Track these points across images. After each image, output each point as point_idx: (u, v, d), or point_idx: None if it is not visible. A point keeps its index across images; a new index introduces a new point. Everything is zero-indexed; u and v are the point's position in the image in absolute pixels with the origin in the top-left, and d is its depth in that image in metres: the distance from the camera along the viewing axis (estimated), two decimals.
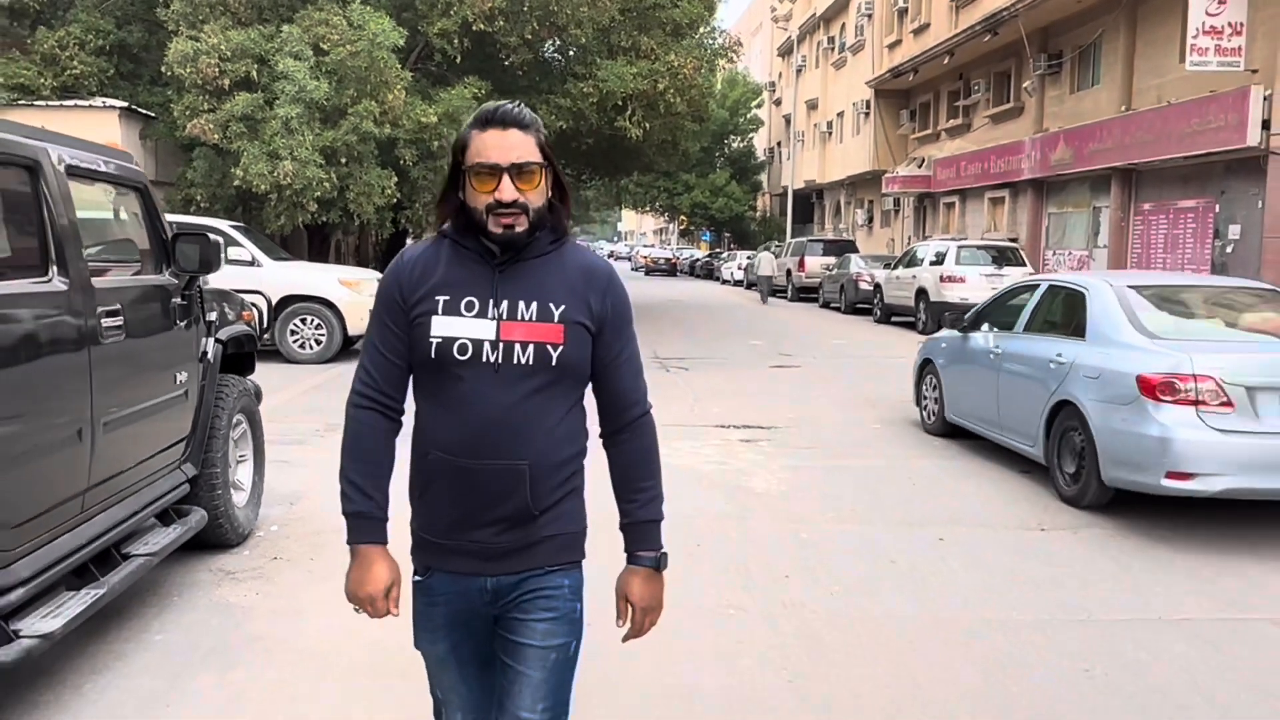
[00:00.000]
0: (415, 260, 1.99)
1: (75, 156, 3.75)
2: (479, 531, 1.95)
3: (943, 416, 8.28)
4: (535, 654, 1.98)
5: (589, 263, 2.02)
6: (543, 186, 1.93)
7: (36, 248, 3.42)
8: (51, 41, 15.18)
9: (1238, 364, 5.63)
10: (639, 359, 2.10)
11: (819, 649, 3.96)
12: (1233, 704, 3.52)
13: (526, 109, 1.96)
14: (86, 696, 3.43)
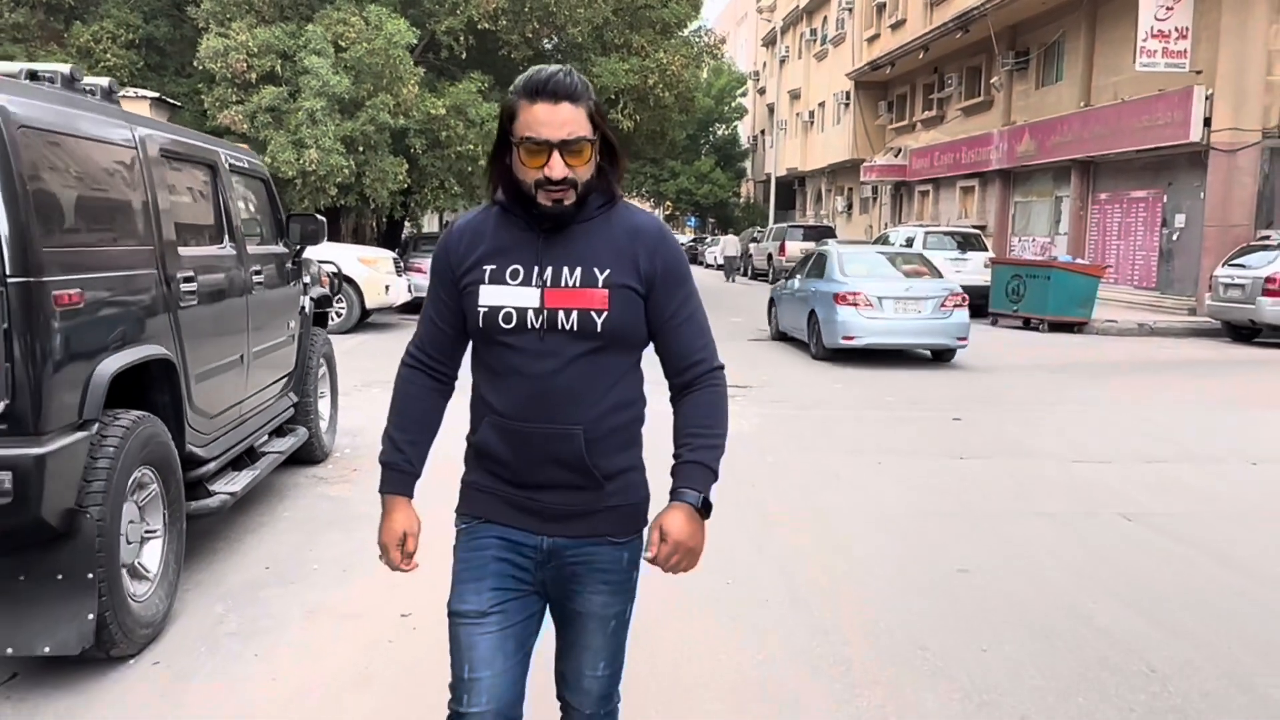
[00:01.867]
0: (464, 229, 1.99)
1: (231, 157, 5.10)
2: (541, 492, 1.95)
3: (778, 329, 14.79)
4: (595, 623, 2.00)
5: (637, 222, 1.97)
6: (592, 160, 1.88)
7: (216, 223, 4.76)
8: (86, 36, 16.35)
9: (875, 287, 12.21)
10: (701, 317, 2.02)
11: (772, 529, 5.36)
12: (1085, 570, 4.93)
13: (578, 76, 1.87)
14: (250, 548, 4.79)
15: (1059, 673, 3.59)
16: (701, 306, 2.02)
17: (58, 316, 3.15)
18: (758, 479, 6.35)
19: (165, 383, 3.94)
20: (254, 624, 3.88)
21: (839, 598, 4.34)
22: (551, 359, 1.88)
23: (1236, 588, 4.57)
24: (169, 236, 4.05)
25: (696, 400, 1.99)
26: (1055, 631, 3.98)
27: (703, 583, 4.43)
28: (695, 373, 1.99)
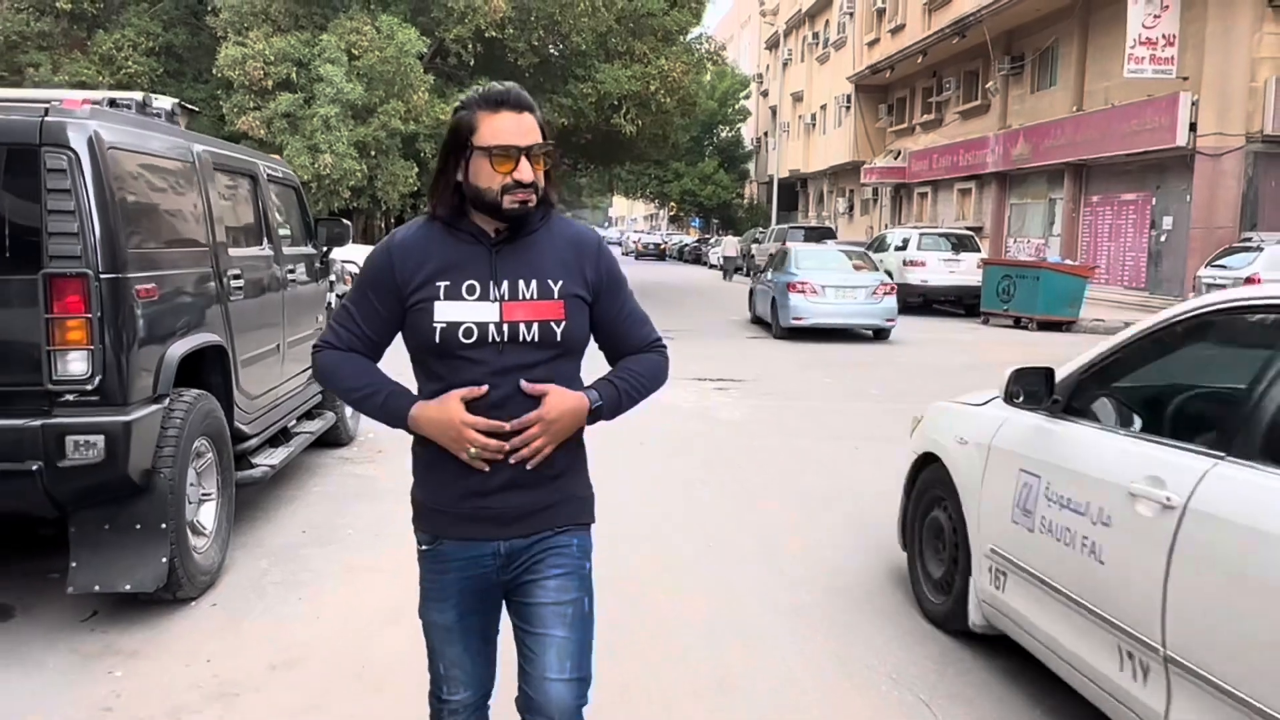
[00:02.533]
0: (408, 243, 2.00)
1: (268, 167, 5.69)
2: (491, 498, 1.99)
3: (754, 314, 17.31)
4: (551, 611, 2.03)
5: (576, 233, 2.08)
6: (545, 168, 1.99)
7: (256, 226, 5.35)
8: (109, 44, 16.98)
9: (821, 277, 14.98)
10: (640, 310, 2.17)
11: (753, 498, 5.94)
12: None
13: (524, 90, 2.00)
14: (286, 517, 5.38)
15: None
16: (635, 300, 2.17)
17: (138, 306, 3.74)
18: (740, 459, 6.93)
19: (218, 366, 4.53)
20: (295, 576, 4.47)
21: (808, 557, 4.92)
22: (512, 370, 1.94)
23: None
24: (220, 238, 4.65)
25: (641, 357, 2.14)
26: None
27: (688, 546, 5.03)
28: (644, 345, 2.15)
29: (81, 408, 3.57)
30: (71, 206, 3.51)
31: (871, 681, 3.57)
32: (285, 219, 5.98)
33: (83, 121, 3.62)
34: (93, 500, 3.71)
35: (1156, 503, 2.64)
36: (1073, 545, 3.01)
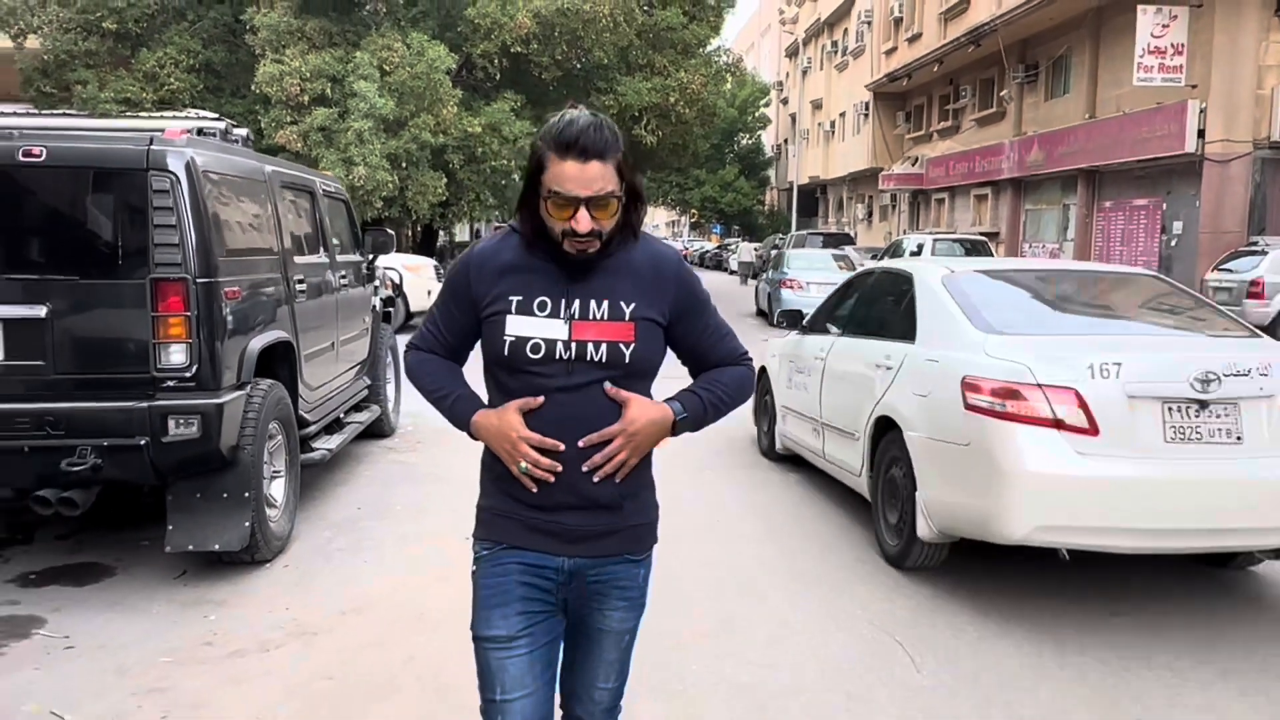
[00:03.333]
0: (488, 254, 2.02)
1: (324, 184, 6.34)
2: (559, 514, 1.97)
3: (759, 307, 19.32)
4: (611, 638, 2.07)
5: (656, 253, 2.04)
6: (618, 211, 1.94)
7: (315, 236, 6.00)
8: (152, 62, 17.77)
9: (807, 275, 17.44)
10: (725, 324, 2.16)
11: (763, 486, 6.51)
12: None
13: (608, 128, 1.90)
14: (343, 495, 6.01)
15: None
16: (718, 312, 2.16)
17: (226, 306, 4.37)
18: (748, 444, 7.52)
19: (286, 360, 5.16)
20: (357, 543, 5.10)
21: (804, 529, 5.49)
22: (579, 389, 1.93)
23: None
24: (288, 246, 5.29)
25: (726, 369, 2.12)
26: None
27: (696, 518, 5.61)
28: (728, 361, 2.14)
29: (181, 392, 4.20)
30: (173, 221, 4.15)
31: (854, 626, 4.14)
32: (337, 229, 6.62)
33: (180, 149, 4.26)
34: (188, 471, 4.34)
35: (820, 359, 6.01)
36: (802, 389, 6.29)
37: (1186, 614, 4.34)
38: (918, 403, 4.66)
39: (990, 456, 4.08)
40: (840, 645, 3.96)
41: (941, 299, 4.94)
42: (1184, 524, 3.99)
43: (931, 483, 4.49)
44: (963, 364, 4.38)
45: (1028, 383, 4.06)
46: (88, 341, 4.20)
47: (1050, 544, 4.08)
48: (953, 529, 4.44)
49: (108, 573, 4.67)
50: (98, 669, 3.65)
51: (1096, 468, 3.95)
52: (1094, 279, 5.72)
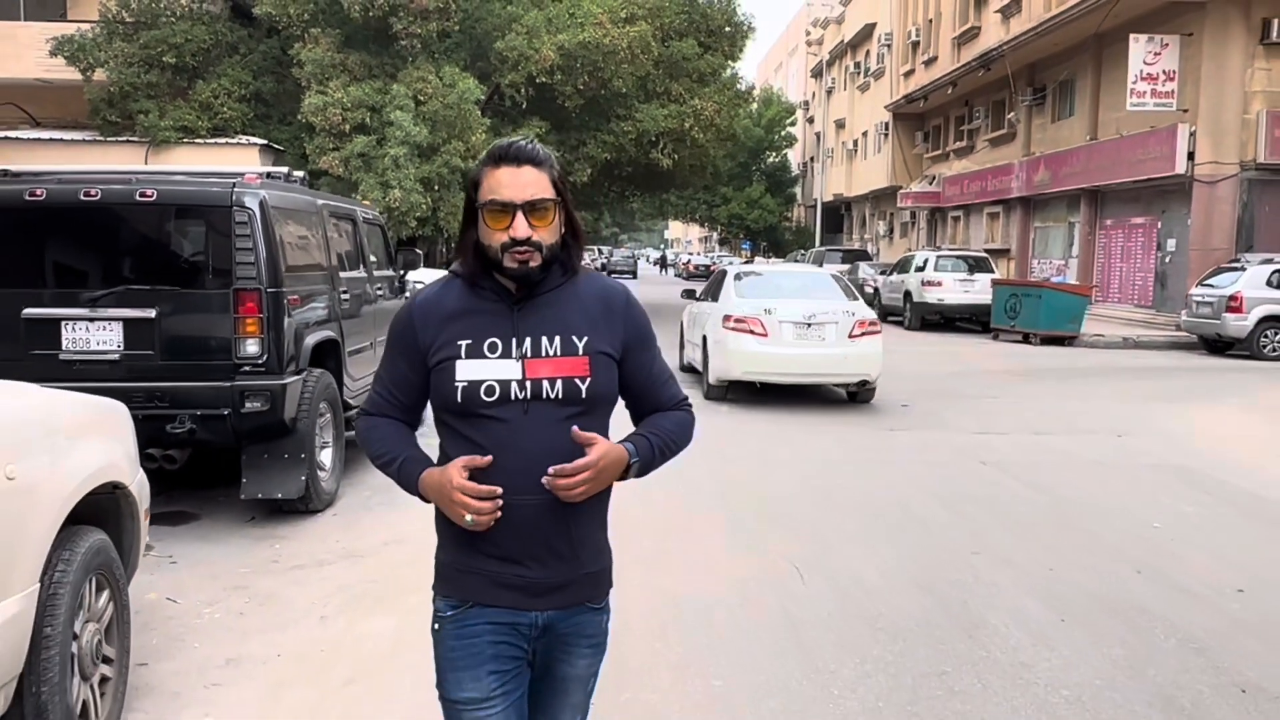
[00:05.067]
0: (431, 302, 1.98)
1: (363, 212, 7.67)
2: (525, 566, 1.94)
3: (683, 362, 16.69)
4: (577, 685, 2.08)
5: (604, 287, 2.04)
6: (555, 223, 1.92)
7: (356, 255, 7.32)
8: (207, 93, 19.31)
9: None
10: (667, 368, 2.12)
11: (726, 468, 7.72)
12: (926, 485, 7.22)
13: (540, 145, 1.94)
14: (360, 488, 7.29)
15: (885, 532, 5.94)
16: (662, 357, 2.13)
17: (289, 311, 5.67)
18: (720, 429, 8.73)
19: (333, 355, 6.46)
20: (393, 501, 6.32)
21: (760, 507, 6.70)
22: (536, 428, 1.88)
23: (1024, 498, 6.85)
24: (334, 264, 6.60)
25: (669, 414, 2.09)
26: (883, 514, 6.32)
27: (668, 501, 6.84)
28: (668, 405, 2.10)
29: (254, 375, 5.50)
30: (250, 245, 5.46)
31: (828, 547, 5.36)
32: (374, 249, 7.94)
33: (256, 191, 5.58)
34: (259, 436, 5.64)
35: (694, 312, 12.23)
36: (690, 328, 12.30)
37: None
38: (713, 326, 10.76)
39: (729, 344, 10.43)
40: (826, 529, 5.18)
41: (730, 282, 11.28)
42: (803, 372, 10.57)
43: (714, 356, 10.70)
44: (726, 308, 10.70)
45: (743, 315, 10.42)
46: (185, 337, 5.51)
47: (750, 379, 10.59)
48: (721, 377, 10.60)
49: (194, 518, 5.98)
50: (195, 575, 4.94)
51: (767, 348, 10.34)
52: (793, 274, 12.75)
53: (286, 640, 4.17)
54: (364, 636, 4.22)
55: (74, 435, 3.14)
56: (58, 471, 2.95)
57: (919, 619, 4.52)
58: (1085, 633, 4.39)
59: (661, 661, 3.97)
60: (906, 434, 9.22)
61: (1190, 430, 9.67)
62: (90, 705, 3.11)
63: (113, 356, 5.44)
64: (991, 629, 4.42)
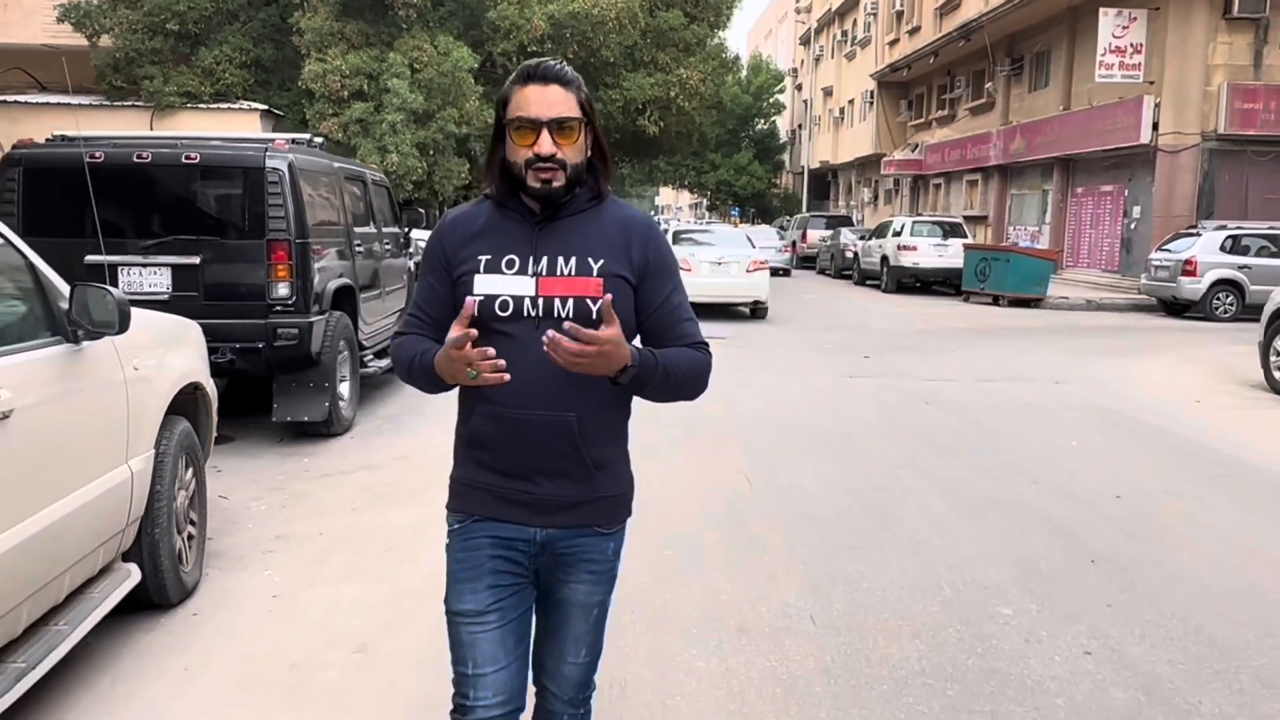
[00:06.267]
0: (458, 221, 2.04)
1: (371, 174, 8.54)
2: (533, 483, 1.98)
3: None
4: (579, 611, 2.07)
5: (628, 215, 2.05)
6: (581, 143, 1.95)
7: (366, 213, 8.19)
8: (209, 59, 19.99)
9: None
10: (688, 307, 2.09)
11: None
12: (872, 420, 8.17)
13: (568, 66, 1.96)
14: (388, 398, 8.21)
15: (827, 453, 6.89)
16: (687, 297, 2.10)
17: (313, 259, 6.56)
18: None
19: (349, 300, 7.36)
20: (399, 427, 7.32)
21: (720, 432, 7.64)
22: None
23: (956, 429, 7.81)
24: (349, 220, 7.48)
25: (686, 350, 2.04)
26: (828, 440, 7.28)
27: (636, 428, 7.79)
28: (684, 342, 2.05)
29: (285, 314, 6.40)
30: (280, 202, 6.34)
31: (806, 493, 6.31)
32: (382, 208, 8.82)
33: (285, 154, 6.45)
34: (288, 367, 6.55)
35: None
36: None
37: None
38: None
39: None
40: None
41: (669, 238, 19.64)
42: (716, 294, 15.50)
43: None
44: None
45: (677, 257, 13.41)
46: (225, 281, 6.40)
47: None
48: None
49: (230, 440, 6.88)
50: (239, 480, 5.87)
51: (691, 279, 13.64)
52: (712, 232, 18.43)
53: (325, 524, 5.11)
54: (390, 522, 5.16)
55: (169, 345, 4.05)
56: (162, 370, 3.87)
57: (842, 513, 5.48)
58: (976, 523, 5.35)
59: None
60: (864, 380, 10.17)
61: (1123, 379, 10.64)
62: (183, 552, 4.04)
63: (163, 297, 6.33)
64: (899, 519, 5.39)
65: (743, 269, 15.90)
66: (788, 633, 3.86)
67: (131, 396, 3.55)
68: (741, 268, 15.90)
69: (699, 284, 14.75)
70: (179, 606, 3.96)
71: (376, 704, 3.23)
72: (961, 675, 3.53)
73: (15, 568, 2.70)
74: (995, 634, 3.89)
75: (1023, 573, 4.59)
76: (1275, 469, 6.76)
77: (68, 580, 3.12)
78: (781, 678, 3.48)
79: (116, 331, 3.22)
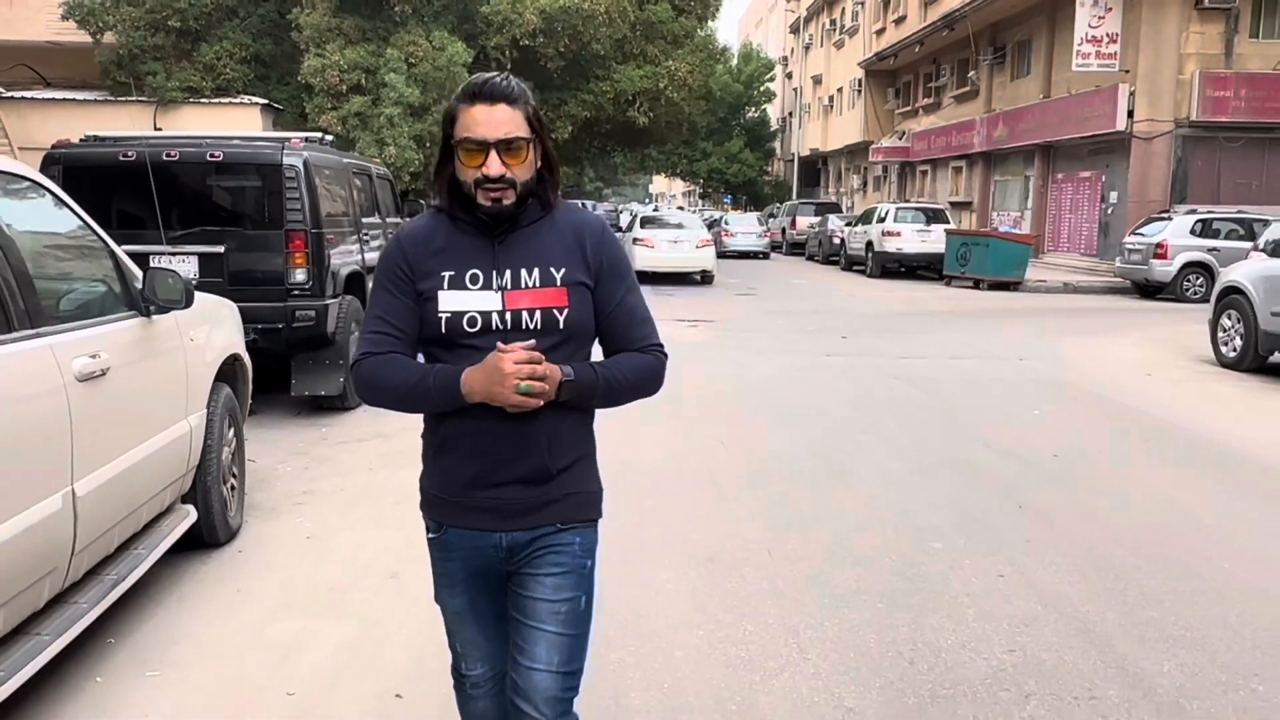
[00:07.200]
0: (416, 234, 2.04)
1: (376, 170, 9.16)
2: (495, 490, 2.01)
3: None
4: (545, 608, 2.05)
5: (580, 220, 2.08)
6: (530, 160, 1.96)
7: (372, 204, 8.82)
8: (210, 54, 20.53)
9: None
10: (644, 308, 2.12)
11: (670, 386, 9.32)
12: (843, 392, 8.83)
13: (515, 81, 1.94)
14: None
15: (798, 422, 7.55)
16: (642, 298, 2.14)
17: (327, 247, 7.19)
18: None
19: (359, 285, 7.99)
20: None
21: (699, 404, 8.30)
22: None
23: (921, 401, 8.47)
24: (357, 211, 8.11)
25: (635, 355, 2.08)
26: (800, 411, 7.94)
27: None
28: (639, 346, 2.09)
29: (302, 298, 7.04)
30: (297, 195, 6.97)
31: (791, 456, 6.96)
32: (385, 199, 9.45)
33: (300, 152, 7.07)
34: (306, 346, 7.19)
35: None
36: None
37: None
38: (627, 244, 15.70)
39: (635, 251, 19.67)
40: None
41: (637, 221, 22.31)
42: (671, 266, 20.54)
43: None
44: (635, 234, 20.83)
45: (640, 237, 20.63)
46: (248, 268, 7.03)
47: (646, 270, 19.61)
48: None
49: (254, 413, 7.51)
50: (264, 446, 6.51)
51: (652, 253, 20.48)
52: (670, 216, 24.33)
53: (346, 482, 5.77)
54: (403, 480, 5.79)
55: (214, 321, 4.69)
56: (210, 341, 4.51)
57: (806, 472, 6.15)
58: (925, 478, 6.02)
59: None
60: (840, 358, 10.83)
61: (1084, 355, 11.31)
62: (227, 500, 4.68)
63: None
64: (857, 475, 6.05)
65: (693, 246, 20.71)
66: (747, 563, 4.52)
67: (189, 363, 4.19)
68: (692, 245, 20.73)
69: (659, 257, 20.37)
70: (226, 546, 4.62)
71: (406, 618, 3.87)
72: (891, 592, 4.19)
73: (113, 494, 3.34)
74: (925, 562, 4.55)
75: (959, 518, 5.25)
76: (1200, 430, 7.44)
77: (145, 512, 3.77)
78: (739, 595, 4.15)
79: (183, 306, 3.86)
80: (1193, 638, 3.80)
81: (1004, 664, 3.56)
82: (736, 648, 3.66)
